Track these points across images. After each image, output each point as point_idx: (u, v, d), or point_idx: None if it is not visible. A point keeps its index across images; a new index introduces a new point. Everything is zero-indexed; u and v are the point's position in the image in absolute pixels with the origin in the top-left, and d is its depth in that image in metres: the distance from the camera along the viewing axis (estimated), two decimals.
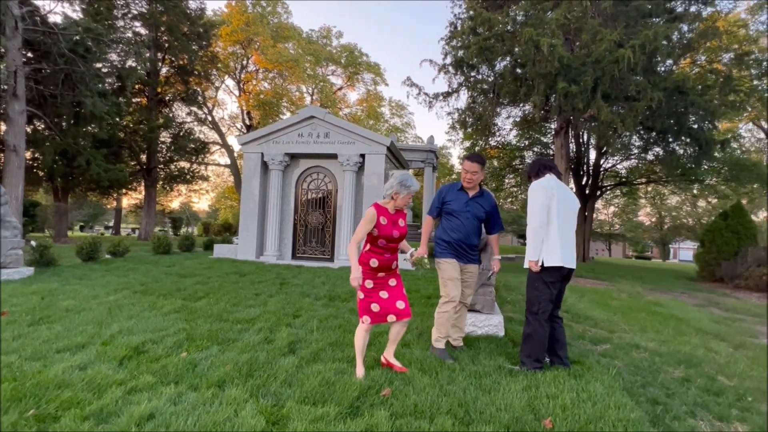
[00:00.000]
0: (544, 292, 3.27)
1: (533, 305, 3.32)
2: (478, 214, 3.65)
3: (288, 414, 2.48)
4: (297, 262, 9.80)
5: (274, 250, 10.04)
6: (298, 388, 2.82)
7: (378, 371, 3.14)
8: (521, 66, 7.64)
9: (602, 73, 6.86)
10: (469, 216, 3.62)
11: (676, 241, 51.28)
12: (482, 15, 7.51)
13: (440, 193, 3.79)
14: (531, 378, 3.08)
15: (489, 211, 3.71)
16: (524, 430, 2.39)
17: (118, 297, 5.24)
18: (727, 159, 14.29)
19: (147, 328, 3.98)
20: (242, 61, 28.67)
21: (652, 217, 47.08)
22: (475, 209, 3.65)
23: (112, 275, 6.93)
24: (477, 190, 3.69)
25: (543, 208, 3.23)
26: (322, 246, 10.27)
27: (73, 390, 2.67)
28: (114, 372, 2.97)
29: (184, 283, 6.37)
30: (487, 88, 9.20)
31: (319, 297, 5.82)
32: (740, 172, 14.73)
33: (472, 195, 3.67)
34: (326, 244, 10.26)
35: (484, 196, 3.72)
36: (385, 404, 2.65)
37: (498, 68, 8.98)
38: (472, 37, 7.68)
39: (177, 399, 2.64)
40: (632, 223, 47.87)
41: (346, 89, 35.56)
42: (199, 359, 3.29)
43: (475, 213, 3.64)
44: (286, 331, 4.07)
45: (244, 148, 10.36)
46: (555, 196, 3.25)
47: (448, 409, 2.58)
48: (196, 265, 8.60)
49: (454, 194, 3.71)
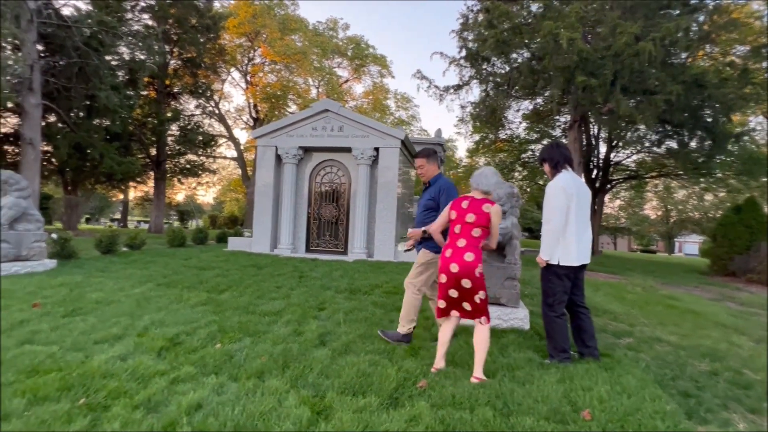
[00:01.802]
0: (558, 284, 3.35)
1: (548, 297, 3.40)
2: (425, 203, 3.81)
3: (330, 404, 2.54)
4: (311, 255, 9.86)
5: (288, 243, 10.11)
6: (335, 379, 2.88)
7: (412, 362, 3.20)
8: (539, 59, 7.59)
9: (622, 66, 6.81)
10: (420, 207, 3.86)
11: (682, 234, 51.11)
12: (500, 8, 7.44)
13: None
14: (564, 371, 3.12)
15: (435, 197, 3.79)
16: (564, 421, 2.44)
17: (144, 289, 5.33)
18: (740, 152, 14.17)
19: (178, 320, 4.06)
20: (249, 54, 28.61)
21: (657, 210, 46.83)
22: (423, 200, 3.84)
23: (132, 268, 7.03)
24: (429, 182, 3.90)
25: (563, 211, 3.26)
26: (336, 239, 10.33)
27: (118, 380, 2.75)
28: (154, 363, 3.04)
29: (204, 276, 6.45)
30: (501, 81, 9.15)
31: (339, 290, 5.88)
32: (753, 166, 14.60)
33: (425, 188, 3.91)
34: (340, 237, 10.32)
35: (432, 185, 3.86)
36: (423, 395, 2.70)
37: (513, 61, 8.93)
38: (488, 30, 7.63)
39: (219, 389, 2.71)
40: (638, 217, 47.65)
41: (352, 82, 35.40)
42: (233, 350, 3.36)
43: (423, 204, 3.83)
44: (314, 324, 4.13)
45: (258, 141, 10.40)
46: (574, 197, 3.28)
47: (486, 400, 2.63)
48: (212, 257, 8.69)
49: None
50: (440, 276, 2.99)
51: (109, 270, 6.75)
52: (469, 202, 3.09)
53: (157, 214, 22.64)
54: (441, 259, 3.00)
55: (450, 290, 2.99)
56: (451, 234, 3.05)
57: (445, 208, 3.15)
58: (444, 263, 2.97)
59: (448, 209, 3.11)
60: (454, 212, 3.05)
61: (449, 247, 3.02)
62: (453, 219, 3.05)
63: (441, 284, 3.01)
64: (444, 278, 2.98)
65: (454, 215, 3.05)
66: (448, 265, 2.96)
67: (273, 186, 10.30)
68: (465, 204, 3.08)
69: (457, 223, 3.03)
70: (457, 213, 3.04)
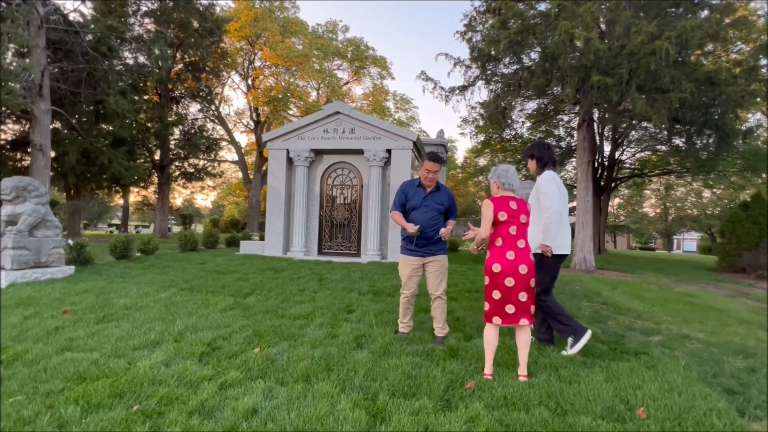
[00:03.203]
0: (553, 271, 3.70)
1: (541, 285, 3.59)
2: (436, 207, 3.83)
3: (384, 406, 2.54)
4: (324, 257, 9.86)
5: (301, 246, 10.11)
6: (382, 382, 2.88)
7: (455, 364, 3.20)
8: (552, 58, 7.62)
9: (637, 65, 6.85)
10: (427, 210, 3.80)
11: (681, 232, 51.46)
12: (514, 9, 7.48)
13: (403, 190, 3.97)
14: (608, 370, 3.13)
15: (447, 205, 3.90)
16: (620, 419, 2.44)
17: (169, 294, 5.32)
18: (745, 149, 14.24)
19: (211, 325, 4.05)
20: (250, 57, 28.62)
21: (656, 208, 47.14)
22: (433, 204, 3.83)
23: (151, 273, 7.02)
24: (434, 186, 3.90)
25: (558, 198, 3.53)
26: (349, 241, 10.33)
27: (167, 386, 2.74)
28: (199, 368, 3.03)
29: (225, 280, 6.45)
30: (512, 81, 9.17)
31: (362, 292, 5.88)
32: (758, 162, 14.67)
33: (429, 191, 3.88)
34: (352, 239, 10.32)
35: (440, 190, 3.92)
36: (473, 396, 2.70)
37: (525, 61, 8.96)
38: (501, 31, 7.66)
39: (269, 393, 2.70)
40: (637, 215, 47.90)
41: (352, 83, 35.43)
42: (273, 354, 3.36)
43: (433, 207, 3.82)
44: (348, 327, 4.13)
45: (270, 144, 10.39)
46: (560, 191, 3.62)
47: (538, 400, 2.64)
48: (227, 262, 8.68)
49: (413, 191, 3.90)
50: (505, 281, 2.95)
51: (128, 275, 6.74)
52: (516, 203, 3.08)
53: (162, 218, 22.61)
54: (501, 263, 2.96)
55: (520, 293, 2.95)
56: (504, 236, 3.02)
57: (488, 211, 3.08)
58: (509, 266, 2.93)
59: (493, 212, 3.05)
60: (504, 214, 3.02)
61: (509, 249, 2.98)
62: (503, 221, 3.02)
63: (507, 288, 2.94)
64: (511, 282, 2.93)
65: (504, 217, 3.02)
66: (515, 267, 2.93)
67: (285, 189, 10.29)
68: (513, 205, 3.06)
69: (512, 225, 3.01)
70: (508, 214, 3.01)
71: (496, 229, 3.06)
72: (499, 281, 2.95)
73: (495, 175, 3.25)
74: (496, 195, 3.19)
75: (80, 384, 2.76)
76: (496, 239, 3.05)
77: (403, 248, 3.96)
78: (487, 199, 3.16)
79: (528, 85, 8.39)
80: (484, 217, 3.10)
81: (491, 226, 3.05)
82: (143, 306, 4.70)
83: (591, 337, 3.55)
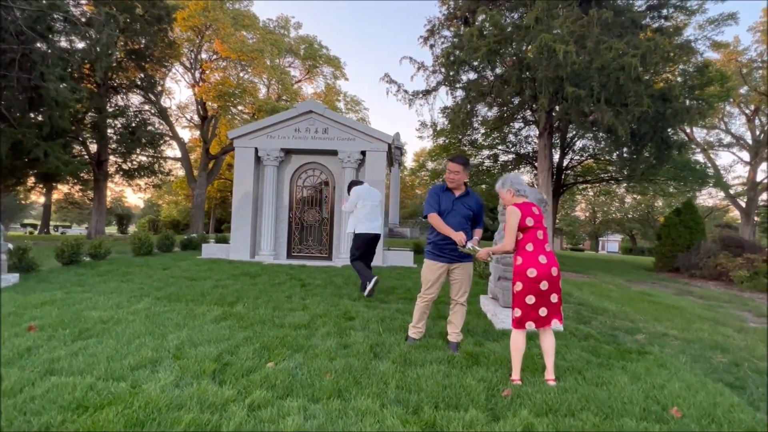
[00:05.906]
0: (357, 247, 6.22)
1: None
2: (464, 212, 3.74)
3: (433, 420, 2.46)
4: (294, 261, 9.51)
5: (270, 249, 9.68)
6: (420, 393, 2.79)
7: (482, 371, 3.18)
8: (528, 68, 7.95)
9: (607, 79, 7.35)
10: (455, 214, 3.71)
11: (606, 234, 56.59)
12: (493, 18, 7.69)
13: (435, 192, 3.86)
14: (626, 369, 3.26)
15: (476, 211, 3.82)
16: (661, 420, 2.54)
17: (146, 305, 4.83)
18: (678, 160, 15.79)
19: (209, 338, 3.73)
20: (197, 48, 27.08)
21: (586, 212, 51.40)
22: (461, 208, 3.74)
23: (113, 281, 6.36)
24: (463, 190, 3.80)
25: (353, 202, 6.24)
26: (320, 245, 10.05)
27: (189, 410, 2.48)
28: (217, 388, 2.77)
29: (201, 287, 5.99)
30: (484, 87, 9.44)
31: (353, 298, 5.72)
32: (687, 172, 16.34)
33: (458, 195, 3.79)
34: (323, 242, 10.05)
35: (470, 195, 3.84)
36: (515, 404, 2.69)
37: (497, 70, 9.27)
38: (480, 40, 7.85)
39: (306, 413, 2.52)
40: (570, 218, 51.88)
41: (303, 82, 34.72)
42: (290, 368, 3.15)
43: (461, 212, 3.73)
44: (355, 336, 3.98)
45: (236, 142, 9.85)
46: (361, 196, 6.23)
47: (580, 405, 2.67)
48: (193, 267, 8.09)
49: (443, 194, 3.81)
50: (539, 284, 2.99)
51: (86, 284, 6.04)
52: (537, 208, 3.16)
53: (98, 218, 20.69)
54: (537, 267, 2.99)
55: (551, 295, 3.02)
56: (534, 240, 3.06)
57: (514, 218, 3.10)
58: (543, 270, 2.98)
59: (519, 218, 3.08)
60: (531, 219, 3.07)
61: (540, 253, 3.03)
62: (531, 226, 3.07)
63: (541, 291, 2.99)
64: (546, 285, 2.98)
65: (531, 222, 3.07)
66: (548, 270, 2.98)
67: (253, 189, 9.80)
68: (536, 210, 3.14)
69: (538, 229, 3.08)
70: (534, 219, 3.08)
71: (525, 234, 3.10)
72: (534, 285, 2.99)
73: (508, 183, 3.27)
74: (510, 203, 3.22)
75: (83, 414, 2.41)
76: (527, 244, 3.09)
77: (429, 252, 3.84)
78: (513, 205, 3.18)
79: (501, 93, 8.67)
80: (509, 226, 3.12)
81: (519, 233, 3.09)
82: (121, 319, 4.22)
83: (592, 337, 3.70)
